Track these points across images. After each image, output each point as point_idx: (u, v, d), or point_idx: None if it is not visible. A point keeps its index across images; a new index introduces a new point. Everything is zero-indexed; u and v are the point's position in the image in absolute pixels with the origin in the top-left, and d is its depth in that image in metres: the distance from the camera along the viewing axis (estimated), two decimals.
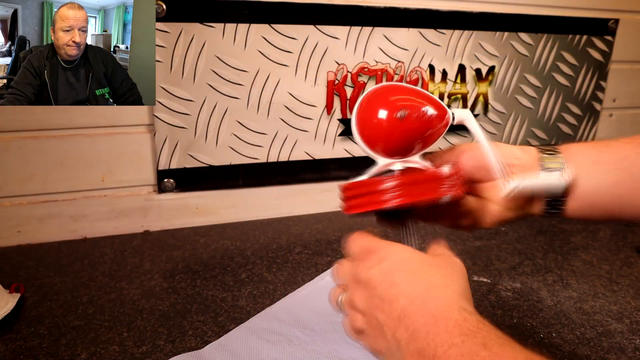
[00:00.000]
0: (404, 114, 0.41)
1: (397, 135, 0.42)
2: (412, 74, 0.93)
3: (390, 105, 0.42)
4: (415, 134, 0.42)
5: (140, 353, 0.54)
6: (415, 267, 0.37)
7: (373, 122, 0.42)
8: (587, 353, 0.56)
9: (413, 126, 0.42)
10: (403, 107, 0.41)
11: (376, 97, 0.43)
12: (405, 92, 0.43)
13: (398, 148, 0.43)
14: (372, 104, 0.43)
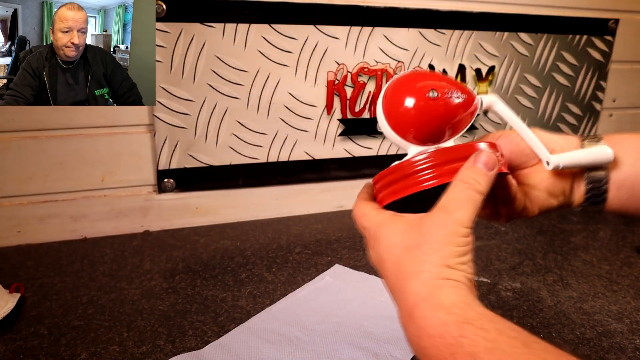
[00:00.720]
0: (435, 94, 0.39)
1: (427, 118, 0.40)
2: None
3: (418, 89, 0.40)
4: (446, 117, 0.40)
5: (140, 353, 0.54)
6: (396, 255, 0.36)
7: (403, 108, 0.40)
8: (587, 353, 0.56)
9: (443, 109, 0.40)
10: (433, 88, 0.39)
11: (402, 84, 0.41)
12: (430, 77, 0.42)
13: (429, 133, 0.41)
14: (399, 91, 0.41)
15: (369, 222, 0.39)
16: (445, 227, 0.34)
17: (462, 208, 0.35)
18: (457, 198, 0.35)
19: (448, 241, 0.34)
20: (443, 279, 0.33)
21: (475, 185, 0.35)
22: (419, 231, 0.35)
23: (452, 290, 0.32)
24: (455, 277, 0.33)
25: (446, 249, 0.34)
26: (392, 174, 0.39)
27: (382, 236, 0.37)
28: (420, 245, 0.34)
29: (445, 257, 0.33)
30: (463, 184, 0.36)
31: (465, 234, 0.34)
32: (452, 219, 0.34)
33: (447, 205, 0.35)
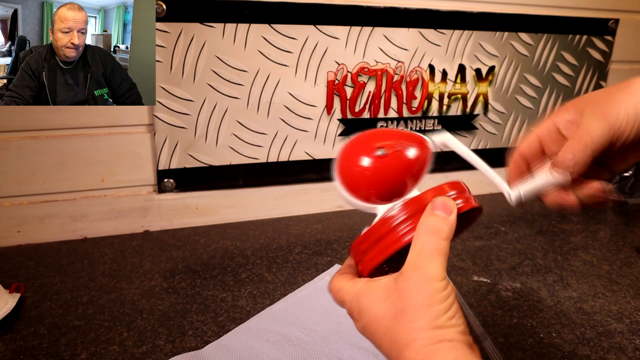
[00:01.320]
0: (383, 152, 0.40)
1: (383, 177, 0.40)
2: (412, 74, 0.93)
3: (366, 151, 0.40)
4: (401, 170, 0.40)
5: (140, 353, 0.54)
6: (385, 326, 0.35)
7: (357, 174, 0.41)
8: (587, 353, 0.56)
9: (396, 163, 0.40)
10: (379, 147, 0.40)
11: (350, 151, 0.42)
12: (375, 136, 0.42)
13: (391, 189, 0.41)
14: (350, 158, 0.41)
15: (346, 295, 0.38)
16: (423, 289, 0.34)
17: (431, 262, 0.34)
18: (424, 252, 0.35)
19: (430, 303, 0.33)
20: (436, 343, 0.33)
21: (438, 233, 0.35)
22: (399, 297, 0.34)
23: (447, 353, 0.32)
24: (448, 336, 0.33)
25: (431, 311, 0.33)
26: (367, 238, 0.39)
27: (365, 308, 0.37)
28: (404, 312, 0.34)
29: (432, 319, 0.33)
30: (426, 236, 0.35)
31: (442, 287, 0.34)
32: (426, 277, 0.34)
33: (416, 263, 0.35)
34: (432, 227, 0.36)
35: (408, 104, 0.95)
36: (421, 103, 0.96)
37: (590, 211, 0.99)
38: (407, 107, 0.95)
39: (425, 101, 0.96)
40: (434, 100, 0.97)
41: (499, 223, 0.92)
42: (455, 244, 0.82)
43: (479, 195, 1.06)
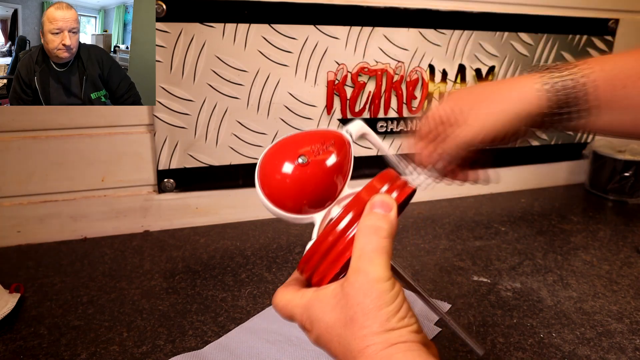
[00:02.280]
0: (305, 159, 0.38)
1: (312, 185, 0.39)
2: (412, 74, 0.93)
3: (288, 161, 0.39)
4: (329, 173, 0.39)
5: (140, 353, 0.54)
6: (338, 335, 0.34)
7: (285, 187, 0.39)
8: (587, 353, 0.56)
9: (320, 167, 0.39)
10: (299, 155, 0.39)
11: (272, 166, 0.40)
12: (290, 143, 0.40)
13: (322, 195, 0.40)
14: (272, 172, 0.40)
15: (295, 307, 0.37)
16: (369, 292, 0.33)
17: (373, 263, 0.33)
18: (364, 254, 0.34)
19: (378, 305, 0.32)
20: (390, 346, 0.32)
21: (378, 231, 0.34)
22: (347, 304, 0.34)
23: (403, 356, 0.32)
24: (401, 338, 0.32)
25: (381, 314, 0.32)
26: (316, 251, 0.37)
27: (316, 318, 0.35)
28: (354, 319, 0.33)
29: (383, 322, 0.32)
30: (365, 237, 0.34)
31: (389, 287, 0.33)
32: (370, 279, 0.33)
33: (359, 266, 0.34)
34: (372, 226, 0.35)
35: (408, 104, 0.95)
36: (421, 103, 0.96)
37: (590, 211, 0.99)
38: (407, 107, 0.95)
39: (425, 101, 0.96)
40: (434, 100, 0.97)
41: (499, 223, 0.92)
42: (455, 244, 0.82)
43: (479, 195, 1.06)
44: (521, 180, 1.11)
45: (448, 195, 1.04)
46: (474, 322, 0.61)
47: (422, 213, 0.96)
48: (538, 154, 1.10)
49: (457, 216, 0.95)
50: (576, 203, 1.05)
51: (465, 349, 0.55)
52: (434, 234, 0.86)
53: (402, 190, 0.38)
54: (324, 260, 0.37)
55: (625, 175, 1.04)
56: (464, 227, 0.89)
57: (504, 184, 1.09)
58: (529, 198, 1.06)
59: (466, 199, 1.04)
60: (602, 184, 1.08)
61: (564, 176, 1.16)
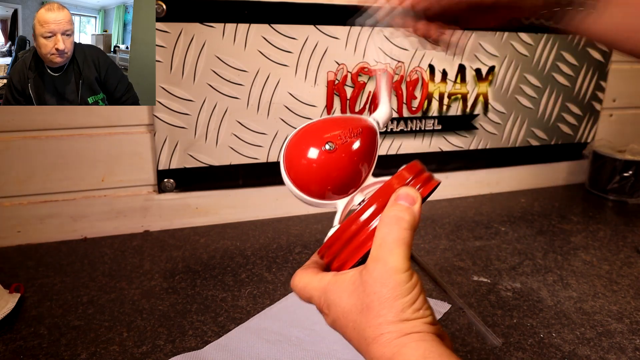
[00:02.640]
0: (332, 146, 0.39)
1: (337, 171, 0.39)
2: (412, 74, 0.93)
3: (315, 148, 0.39)
4: (354, 160, 0.39)
5: (140, 353, 0.54)
6: (353, 320, 0.35)
7: (309, 174, 0.39)
8: (587, 353, 0.56)
9: (346, 155, 0.39)
10: (327, 141, 0.39)
11: (299, 150, 0.40)
12: (319, 128, 0.41)
13: (347, 183, 0.40)
14: (298, 159, 0.40)
15: (314, 290, 0.38)
16: (387, 282, 0.33)
17: (393, 254, 0.34)
18: (385, 243, 0.34)
19: (395, 296, 0.33)
20: (404, 336, 0.32)
21: (400, 222, 0.35)
22: (364, 291, 0.34)
23: (416, 345, 0.32)
24: (415, 328, 0.33)
25: (396, 304, 0.33)
26: (339, 238, 0.37)
27: (333, 302, 0.36)
28: (370, 307, 0.34)
29: (398, 312, 0.33)
30: (388, 226, 0.35)
31: (406, 278, 0.33)
32: (388, 269, 0.33)
33: (379, 255, 0.34)
34: (394, 217, 0.35)
35: (408, 104, 0.95)
36: (421, 103, 0.96)
37: (590, 211, 0.99)
38: (407, 107, 0.95)
39: (425, 101, 0.96)
40: (434, 100, 0.97)
41: (499, 223, 0.92)
42: (455, 244, 0.82)
43: (479, 195, 1.06)
44: (521, 180, 1.11)
45: (448, 195, 1.04)
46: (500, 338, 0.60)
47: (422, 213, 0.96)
48: (538, 154, 1.10)
49: (457, 216, 0.95)
50: (576, 203, 1.05)
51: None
52: (434, 234, 0.86)
53: (426, 184, 0.38)
54: (345, 248, 0.37)
55: (625, 175, 1.04)
56: (464, 227, 0.89)
57: (504, 184, 1.09)
58: (529, 198, 1.06)
59: (466, 199, 1.04)
60: (602, 184, 1.08)
61: (564, 176, 1.16)
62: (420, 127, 0.97)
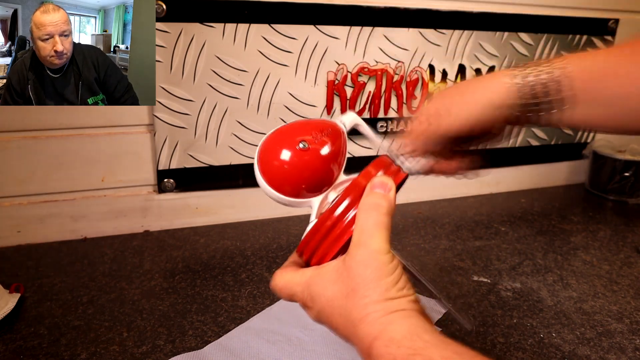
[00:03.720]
0: (305, 145, 0.41)
1: (312, 169, 0.41)
2: (412, 74, 0.93)
3: (288, 147, 0.41)
4: (326, 159, 0.41)
5: (140, 353, 0.54)
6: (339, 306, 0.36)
7: (285, 170, 0.41)
8: (587, 353, 0.56)
9: (318, 153, 0.41)
10: (300, 141, 0.41)
11: (273, 151, 0.42)
12: (291, 130, 0.43)
13: (321, 180, 0.42)
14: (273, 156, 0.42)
15: (296, 286, 0.39)
16: (370, 263, 0.34)
17: (374, 236, 0.35)
18: (366, 228, 0.36)
19: (378, 276, 0.34)
20: (390, 314, 0.33)
21: (378, 208, 0.36)
22: (348, 276, 0.35)
23: (401, 322, 0.33)
24: (400, 306, 0.34)
25: (381, 284, 0.34)
26: (316, 233, 0.39)
27: (317, 293, 0.37)
28: (355, 289, 0.34)
29: (383, 292, 0.34)
30: (366, 213, 0.36)
31: (389, 259, 0.35)
32: (371, 251, 0.35)
33: (360, 240, 0.36)
34: (372, 204, 0.37)
35: (408, 104, 0.95)
36: (421, 103, 0.96)
37: (590, 211, 0.99)
38: (407, 107, 0.95)
39: (426, 101, 0.96)
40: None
41: (499, 223, 0.92)
42: (455, 244, 0.82)
43: (479, 195, 1.06)
44: (521, 180, 1.11)
45: (448, 195, 1.04)
46: (474, 322, 0.61)
47: (422, 213, 0.96)
48: (538, 154, 1.10)
49: (457, 216, 0.95)
50: (576, 203, 1.05)
51: None
52: (434, 234, 0.86)
53: (396, 175, 0.41)
54: (323, 242, 0.39)
55: (625, 175, 1.04)
56: (464, 227, 0.89)
57: (504, 184, 1.09)
58: (529, 198, 1.06)
59: (466, 199, 1.04)
60: (602, 184, 1.08)
61: (564, 176, 1.16)
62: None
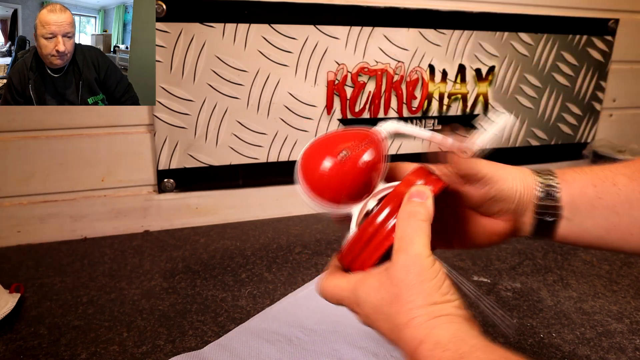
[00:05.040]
0: (346, 153, 0.41)
1: (353, 177, 0.41)
2: (412, 74, 0.93)
3: (330, 156, 0.42)
4: (367, 168, 0.42)
5: (140, 353, 0.54)
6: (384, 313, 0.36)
7: (326, 179, 0.42)
8: (587, 353, 0.56)
9: (361, 161, 0.41)
10: (342, 150, 0.42)
11: (314, 159, 0.43)
12: (332, 139, 0.44)
13: (361, 188, 0.42)
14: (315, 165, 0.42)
15: (343, 291, 0.39)
16: (411, 268, 0.35)
17: (413, 242, 0.35)
18: (405, 235, 0.36)
19: (421, 280, 0.34)
20: (435, 318, 0.33)
21: (417, 215, 0.37)
22: (392, 282, 0.35)
23: (446, 327, 0.33)
24: (445, 311, 0.34)
25: (424, 288, 0.34)
26: (358, 242, 0.39)
27: (362, 300, 0.38)
28: (399, 296, 0.35)
29: (427, 296, 0.34)
30: (405, 220, 0.37)
31: (430, 263, 0.35)
32: (411, 256, 0.35)
33: (401, 246, 0.36)
34: (410, 211, 0.37)
35: (408, 104, 0.95)
36: (421, 103, 0.96)
37: None
38: (407, 107, 0.95)
39: (425, 101, 0.96)
40: (434, 100, 0.97)
41: None
42: None
43: None
44: None
45: None
46: (515, 326, 0.60)
47: None
48: (538, 154, 1.10)
49: None
50: None
51: None
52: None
53: (436, 184, 0.41)
54: (365, 249, 0.39)
55: None
56: None
57: None
58: None
59: None
60: None
61: None
62: (420, 127, 0.97)
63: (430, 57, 0.94)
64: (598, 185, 0.42)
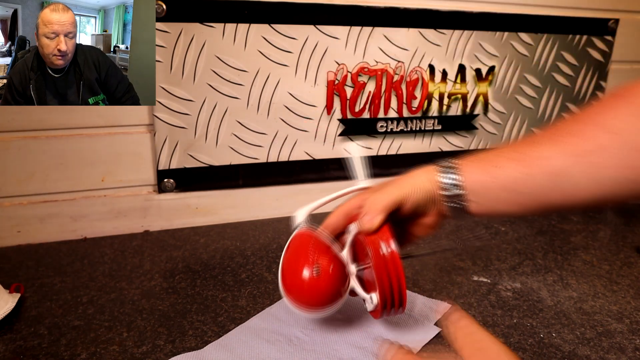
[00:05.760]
0: (318, 269, 0.50)
1: (326, 290, 0.50)
2: (412, 74, 0.93)
3: (305, 272, 0.50)
4: (335, 275, 0.51)
5: (140, 353, 0.54)
6: None
7: (306, 293, 0.50)
8: (587, 353, 0.56)
9: (329, 270, 0.51)
10: (314, 266, 0.50)
11: (295, 273, 0.51)
12: (301, 254, 0.53)
13: (337, 290, 0.51)
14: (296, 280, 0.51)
15: None
16: None
17: None
18: None
19: None
20: None
21: None
22: None
23: None
24: None
25: None
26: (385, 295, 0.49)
27: None
28: None
29: None
30: None
31: None
32: None
33: None
34: None
35: (408, 104, 0.95)
36: (421, 103, 0.96)
37: (591, 211, 0.99)
38: (407, 107, 0.95)
39: (425, 101, 0.96)
40: (434, 100, 0.97)
41: (499, 223, 0.92)
42: (456, 244, 0.82)
43: None
44: None
45: None
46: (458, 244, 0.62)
47: None
48: None
49: None
50: None
51: None
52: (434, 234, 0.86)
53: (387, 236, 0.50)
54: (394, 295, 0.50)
55: None
56: (464, 227, 0.89)
57: None
58: None
59: None
60: None
61: None
62: (420, 127, 0.97)
63: (430, 57, 0.94)
64: (487, 170, 0.49)
